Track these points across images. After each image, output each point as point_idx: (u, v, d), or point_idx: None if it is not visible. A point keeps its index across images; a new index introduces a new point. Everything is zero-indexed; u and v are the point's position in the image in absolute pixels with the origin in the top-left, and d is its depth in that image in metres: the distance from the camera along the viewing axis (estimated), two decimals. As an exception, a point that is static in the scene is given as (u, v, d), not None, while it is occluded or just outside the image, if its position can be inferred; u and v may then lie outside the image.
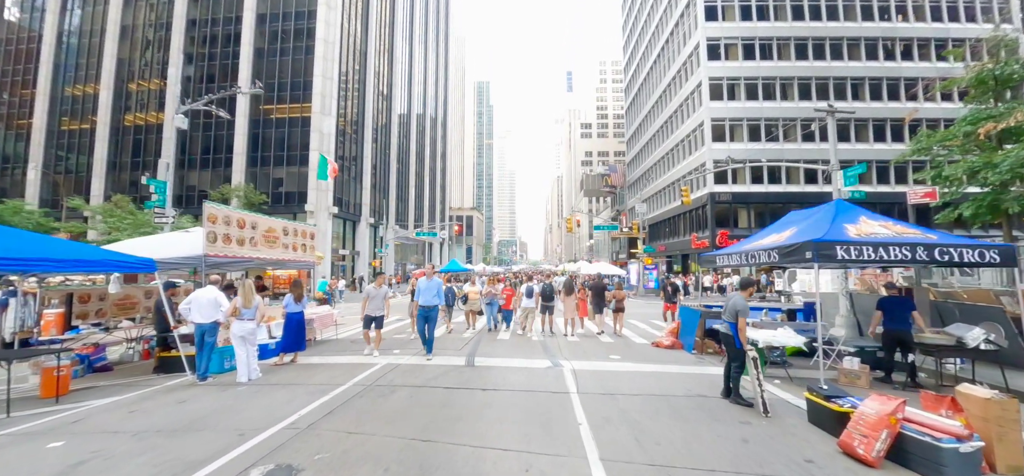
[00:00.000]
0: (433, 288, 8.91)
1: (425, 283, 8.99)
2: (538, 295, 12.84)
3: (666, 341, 10.68)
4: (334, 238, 45.14)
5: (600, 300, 14.44)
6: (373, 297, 9.25)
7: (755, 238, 10.27)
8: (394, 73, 60.63)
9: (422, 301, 8.88)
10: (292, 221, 11.55)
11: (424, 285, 8.96)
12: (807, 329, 10.01)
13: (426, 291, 8.88)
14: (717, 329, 10.83)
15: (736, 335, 6.03)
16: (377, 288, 9.43)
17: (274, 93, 43.48)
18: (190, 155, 44.16)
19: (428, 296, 8.85)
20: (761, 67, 36.20)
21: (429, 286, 8.92)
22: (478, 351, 9.62)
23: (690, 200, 22.22)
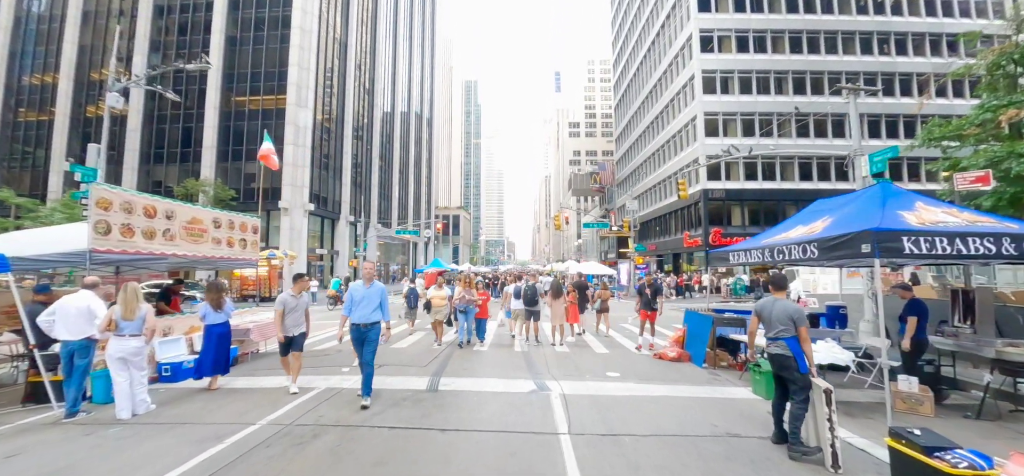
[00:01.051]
0: (372, 298, 6.02)
1: (360, 290, 6.08)
2: (517, 296, 11.24)
3: (671, 352, 9.09)
4: (311, 237, 42.98)
5: (583, 300, 13.23)
6: (291, 309, 6.69)
7: (773, 232, 8.75)
8: (376, 67, 58.49)
9: (355, 317, 5.98)
10: (227, 211, 9.68)
11: (359, 294, 6.06)
12: (823, 335, 8.55)
13: (362, 303, 5.99)
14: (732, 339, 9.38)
15: (800, 356, 4.40)
16: (296, 296, 6.82)
17: (247, 84, 41.22)
18: (156, 148, 41.66)
19: (364, 309, 5.95)
20: (755, 60, 35.07)
21: (367, 296, 6.02)
22: (446, 369, 7.89)
23: (688, 194, 20.76)
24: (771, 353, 4.64)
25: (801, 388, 4.36)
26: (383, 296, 6.14)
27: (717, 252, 9.63)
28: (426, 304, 10.09)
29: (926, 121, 33.95)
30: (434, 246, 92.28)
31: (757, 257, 7.99)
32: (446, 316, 10.38)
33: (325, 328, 13.14)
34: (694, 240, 34.70)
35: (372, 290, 6.09)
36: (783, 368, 4.53)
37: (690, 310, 9.81)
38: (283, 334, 6.62)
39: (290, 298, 6.79)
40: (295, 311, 6.78)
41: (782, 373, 4.57)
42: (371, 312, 5.97)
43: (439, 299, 10.14)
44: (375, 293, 6.08)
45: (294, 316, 6.76)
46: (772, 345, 4.63)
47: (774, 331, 4.60)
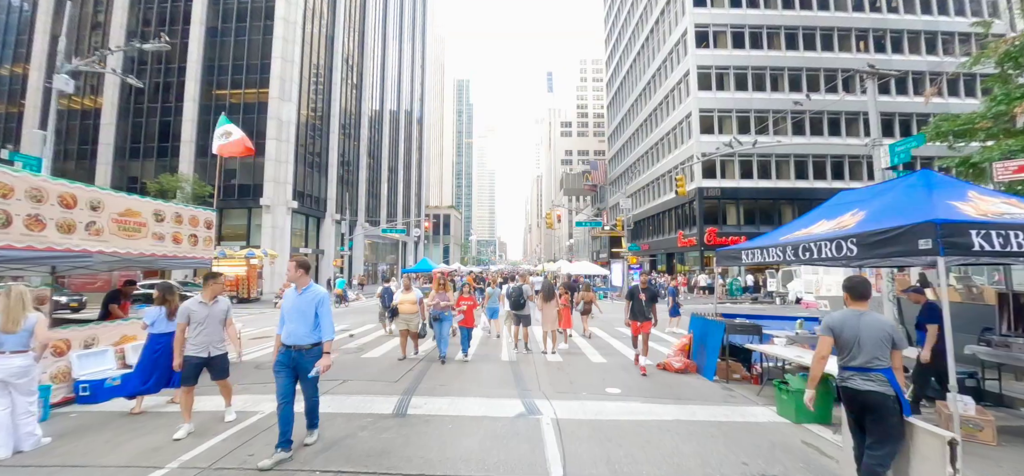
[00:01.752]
0: (304, 311, 4.18)
1: (289, 299, 4.29)
2: (502, 297, 10.25)
3: (676, 362, 8.10)
4: (295, 236, 41.57)
5: (572, 302, 12.56)
6: (199, 322, 4.89)
7: (791, 228, 7.81)
8: (365, 62, 57.08)
9: (286, 337, 4.20)
10: (173, 203, 8.50)
11: (289, 304, 4.27)
12: None
13: (291, 315, 4.20)
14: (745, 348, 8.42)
15: (903, 395, 3.22)
16: (206, 303, 5.01)
17: (228, 76, 39.69)
18: (132, 143, 39.98)
19: (294, 325, 4.17)
20: (751, 56, 34.39)
21: (297, 307, 4.20)
22: (420, 386, 6.80)
23: (686, 190, 19.89)
24: (857, 389, 3.23)
25: (893, 438, 3.15)
26: (320, 306, 4.22)
27: (726, 251, 8.69)
28: (392, 310, 8.92)
29: (927, 120, 33.60)
30: (424, 246, 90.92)
31: (776, 255, 7.03)
32: (418, 325, 8.43)
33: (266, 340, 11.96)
34: (689, 239, 33.93)
35: (304, 298, 4.20)
36: (874, 410, 3.17)
37: (696, 314, 8.83)
38: (181, 359, 4.83)
39: (198, 307, 4.95)
40: (206, 325, 4.94)
41: (870, 416, 3.20)
42: (303, 329, 4.12)
43: (407, 304, 8.32)
44: (308, 303, 4.18)
45: (206, 331, 4.93)
46: (858, 378, 3.23)
47: (863, 358, 3.22)
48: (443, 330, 8.38)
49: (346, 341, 11.28)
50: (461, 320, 8.65)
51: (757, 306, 24.20)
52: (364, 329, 13.70)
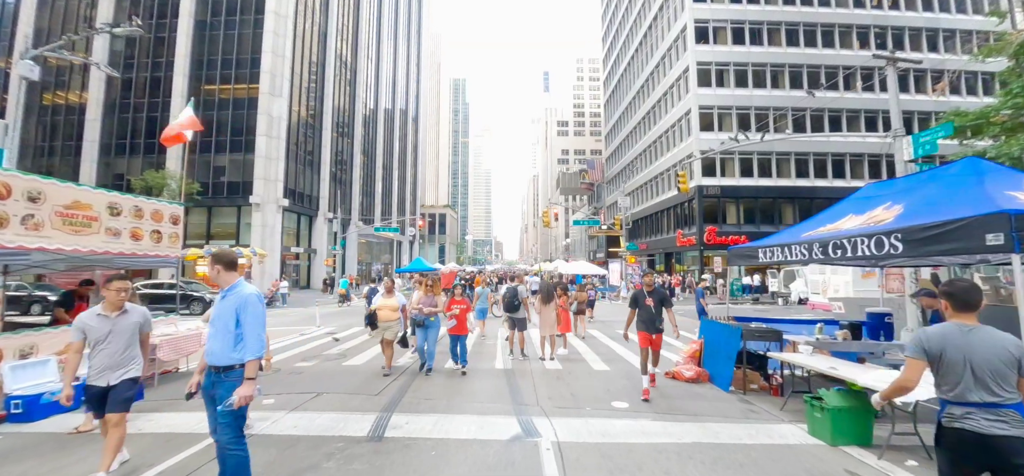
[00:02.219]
0: (226, 317, 3.15)
1: (217, 307, 3.23)
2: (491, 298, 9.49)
3: (687, 370, 7.40)
4: (287, 234, 40.68)
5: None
6: (99, 339, 3.70)
7: (813, 224, 7.16)
8: (359, 58, 56.17)
9: (206, 354, 3.22)
10: (131, 195, 7.70)
11: (214, 310, 3.27)
12: (869, 348, 7.00)
13: (213, 325, 3.20)
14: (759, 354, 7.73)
15: None
16: (108, 315, 3.76)
17: (217, 71, 38.73)
18: (118, 139, 38.96)
19: (214, 343, 3.15)
20: (751, 52, 33.82)
21: (219, 313, 3.19)
22: (402, 401, 6.04)
23: (688, 187, 19.22)
24: (986, 434, 2.28)
25: None
26: (243, 311, 3.11)
27: (740, 249, 8.02)
28: (369, 317, 7.44)
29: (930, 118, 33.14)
30: (420, 245, 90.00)
31: (800, 254, 6.33)
32: (398, 334, 7.42)
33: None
34: (688, 239, 33.31)
35: (225, 304, 3.17)
36: (1003, 456, 2.25)
37: (707, 318, 8.13)
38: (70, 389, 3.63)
39: (96, 320, 3.74)
40: (109, 343, 3.70)
41: (998, 464, 2.28)
42: (220, 345, 3.11)
43: (388, 311, 7.27)
44: (228, 310, 3.14)
45: (108, 352, 3.69)
46: (981, 417, 2.30)
47: (981, 392, 2.32)
48: (429, 338, 7.35)
49: (328, 346, 10.51)
50: (453, 327, 7.55)
51: (759, 307, 23.58)
52: (350, 333, 12.94)
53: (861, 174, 33.67)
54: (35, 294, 20.49)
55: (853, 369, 5.23)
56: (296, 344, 11.04)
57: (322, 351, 9.87)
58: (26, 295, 20.43)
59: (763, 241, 7.53)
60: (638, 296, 6.93)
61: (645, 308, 6.78)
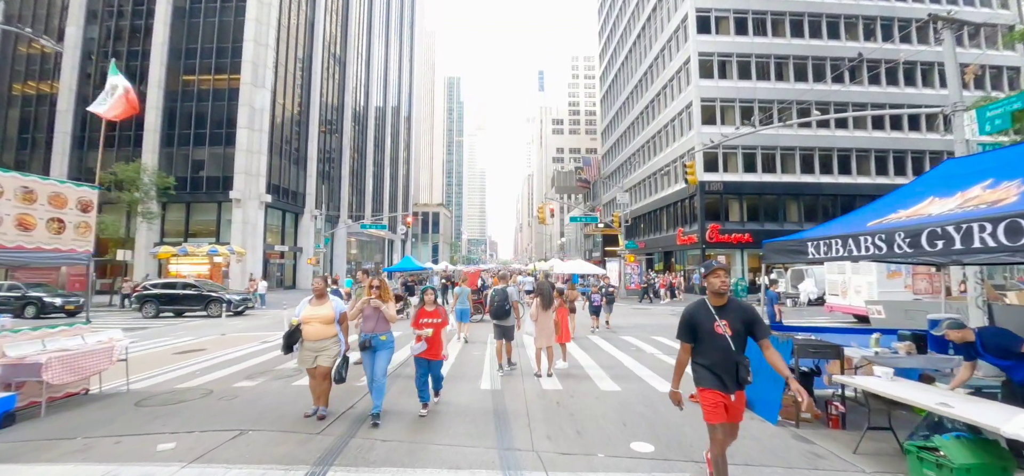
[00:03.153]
0: None
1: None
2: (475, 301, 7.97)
3: (719, 395, 5.91)
4: (271, 232, 38.97)
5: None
6: None
7: (880, 210, 5.73)
8: (348, 50, 54.40)
9: None
10: (17, 173, 6.08)
11: None
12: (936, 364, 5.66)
13: None
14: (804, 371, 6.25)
15: None
16: None
17: (197, 60, 36.95)
18: (91, 132, 37.02)
19: None
20: (755, 43, 32.52)
21: None
22: (350, 444, 4.46)
23: (696, 179, 17.82)
24: None
25: None
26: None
27: (778, 243, 6.57)
28: (289, 336, 5.01)
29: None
30: (412, 244, 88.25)
31: (873, 247, 4.88)
32: (333, 360, 4.99)
33: (173, 364, 9.60)
34: (689, 237, 31.95)
35: None
36: None
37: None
38: None
39: None
40: None
41: None
42: None
43: (318, 325, 4.95)
44: None
45: None
46: None
47: None
48: (375, 367, 4.95)
49: (278, 361, 8.88)
50: (423, 350, 5.19)
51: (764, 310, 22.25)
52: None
53: (867, 171, 32.50)
54: (30, 295, 18.84)
55: (984, 410, 3.75)
56: (251, 355, 9.48)
57: (275, 365, 8.32)
58: (19, 296, 18.75)
59: (812, 232, 6.07)
60: (698, 316, 3.41)
61: (715, 341, 3.34)
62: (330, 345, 5.07)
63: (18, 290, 19.17)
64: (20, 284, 19.80)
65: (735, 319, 3.32)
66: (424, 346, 5.20)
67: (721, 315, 3.32)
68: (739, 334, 3.31)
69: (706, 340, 3.35)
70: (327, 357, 5.01)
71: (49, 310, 18.63)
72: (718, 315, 3.32)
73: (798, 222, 31.41)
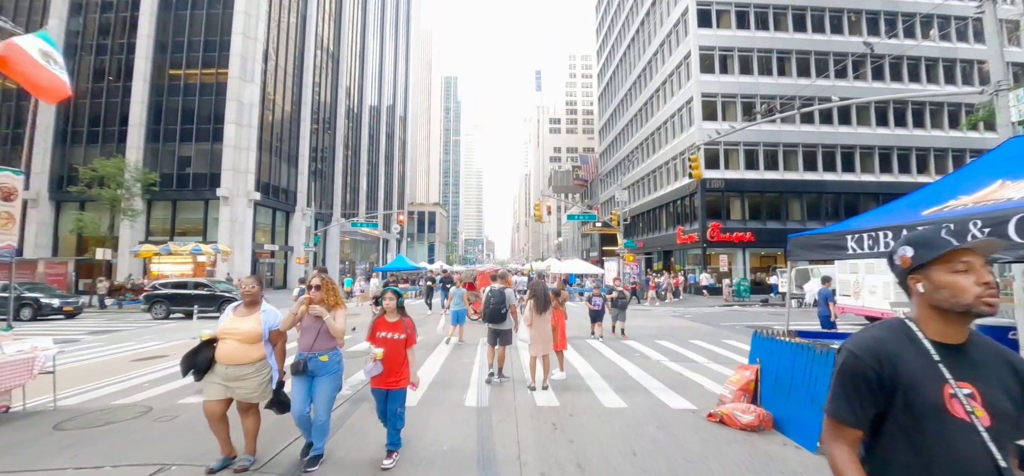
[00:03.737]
0: None
1: None
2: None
3: (743, 415, 5.05)
4: (260, 230, 37.98)
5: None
6: None
7: (930, 199, 4.91)
8: (342, 47, 53.40)
9: None
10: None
11: None
12: None
13: None
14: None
15: None
16: None
17: (183, 54, 35.90)
18: (75, 127, 35.94)
19: None
20: (756, 37, 31.76)
21: None
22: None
23: (701, 173, 16.99)
24: None
25: None
26: None
27: (802, 238, 5.75)
28: (192, 355, 3.75)
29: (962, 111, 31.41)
30: (408, 243, 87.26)
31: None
32: (257, 392, 3.70)
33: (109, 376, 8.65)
34: (689, 236, 31.16)
35: None
36: None
37: (762, 333, 5.79)
38: None
39: None
40: None
41: None
42: None
43: (236, 341, 3.65)
44: None
45: None
46: None
47: None
48: (317, 399, 3.76)
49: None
50: (377, 375, 3.80)
51: (776, 312, 21.52)
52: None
53: (871, 168, 31.77)
54: (26, 297, 17.59)
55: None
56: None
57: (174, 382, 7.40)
58: (15, 297, 17.56)
59: (851, 224, 5.23)
60: (898, 365, 1.29)
61: (945, 433, 1.23)
62: (251, 373, 3.67)
63: (14, 291, 18.13)
64: (16, 284, 18.74)
65: (994, 379, 1.29)
66: (379, 369, 3.76)
67: (958, 367, 1.28)
68: (1006, 417, 1.25)
69: (920, 429, 1.26)
70: (246, 388, 3.65)
71: (46, 312, 17.56)
72: (952, 368, 1.28)
73: (801, 220, 30.67)
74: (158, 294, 18.32)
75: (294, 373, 3.75)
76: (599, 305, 11.50)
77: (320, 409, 3.77)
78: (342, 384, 4.12)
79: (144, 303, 18.24)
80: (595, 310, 11.50)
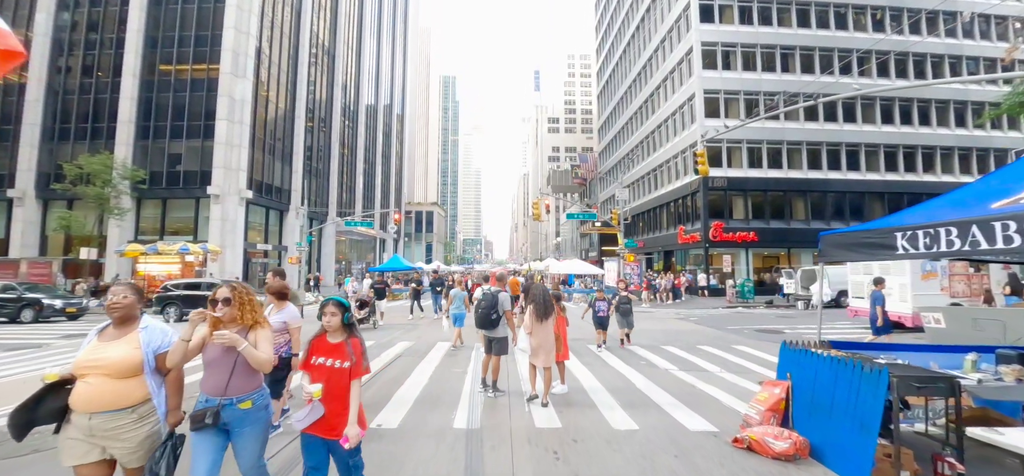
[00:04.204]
0: None
1: None
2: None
3: (777, 441, 4.35)
4: (253, 230, 37.22)
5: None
6: None
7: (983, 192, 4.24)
8: (337, 43, 52.55)
9: None
10: None
11: None
12: None
13: None
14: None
15: None
16: None
17: (174, 49, 35.06)
18: (62, 124, 35.09)
19: None
20: (760, 33, 31.09)
21: None
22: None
23: (708, 169, 16.35)
24: None
25: None
26: None
27: (836, 236, 5.07)
28: (25, 411, 2.43)
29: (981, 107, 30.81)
30: (405, 243, 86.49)
31: (1020, 237, 3.35)
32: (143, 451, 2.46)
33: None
34: (691, 235, 30.50)
35: None
36: None
37: (793, 345, 5.07)
38: None
39: None
40: None
41: None
42: None
43: (102, 378, 2.40)
44: None
45: None
46: None
47: None
48: (239, 455, 2.68)
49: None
50: (314, 422, 2.72)
51: (783, 314, 20.88)
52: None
53: (877, 166, 31.15)
54: (27, 297, 16.89)
55: None
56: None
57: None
58: (14, 297, 16.80)
59: (901, 219, 4.53)
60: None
61: None
62: (128, 423, 2.45)
63: (12, 291, 17.23)
64: (14, 284, 17.92)
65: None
66: (319, 412, 2.70)
67: None
68: None
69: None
70: (123, 446, 2.46)
71: (49, 313, 16.81)
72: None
73: (805, 219, 30.04)
74: (170, 295, 17.38)
75: (195, 427, 2.56)
76: (604, 311, 10.63)
77: (247, 468, 2.70)
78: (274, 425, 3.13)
79: (155, 305, 17.36)
80: (601, 316, 10.59)
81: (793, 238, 29.67)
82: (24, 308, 16.59)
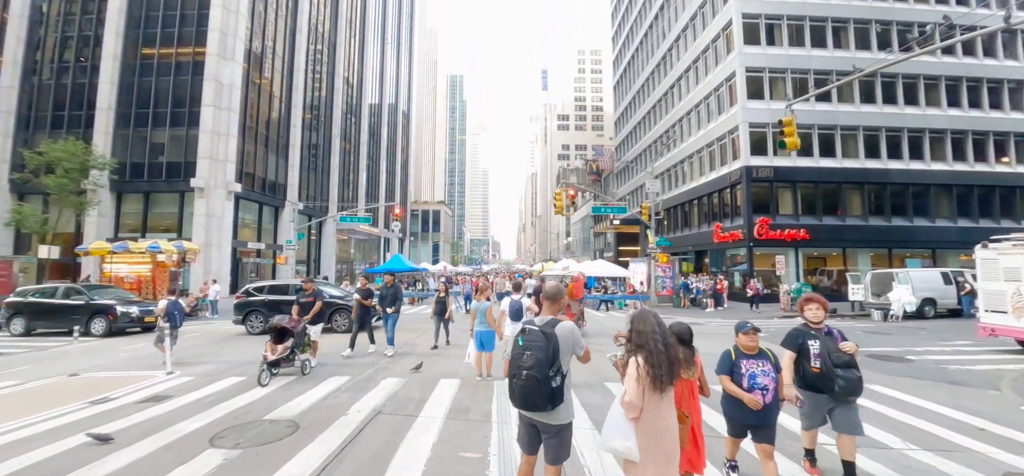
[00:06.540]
0: None
1: None
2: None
3: None
4: (245, 227, 34.22)
5: None
6: None
7: None
8: (338, 33, 49.48)
9: None
10: None
11: None
12: None
13: None
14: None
15: None
16: None
17: (157, 30, 32.15)
18: (38, 111, 32.31)
19: None
20: (808, 4, 27.45)
21: None
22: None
23: (797, 142, 12.89)
24: None
25: None
26: None
27: None
28: None
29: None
30: (411, 242, 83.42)
31: None
32: None
33: None
34: (731, 233, 26.89)
35: None
36: None
37: None
38: None
39: None
40: None
41: None
42: None
43: None
44: None
45: None
46: None
47: None
48: None
49: None
50: None
51: (868, 326, 17.29)
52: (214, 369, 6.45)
53: (943, 155, 27.36)
54: (95, 302, 13.92)
55: None
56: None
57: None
58: (82, 304, 13.84)
59: None
60: None
61: None
62: None
63: (79, 296, 14.19)
64: (81, 288, 14.84)
65: None
66: None
67: None
68: None
69: None
70: None
71: (124, 324, 13.80)
72: None
73: (862, 215, 26.35)
74: (252, 301, 14.03)
75: None
76: (771, 394, 7.10)
77: None
78: None
79: (236, 313, 13.98)
80: (768, 406, 7.04)
81: (849, 236, 25.98)
82: (94, 316, 13.60)
